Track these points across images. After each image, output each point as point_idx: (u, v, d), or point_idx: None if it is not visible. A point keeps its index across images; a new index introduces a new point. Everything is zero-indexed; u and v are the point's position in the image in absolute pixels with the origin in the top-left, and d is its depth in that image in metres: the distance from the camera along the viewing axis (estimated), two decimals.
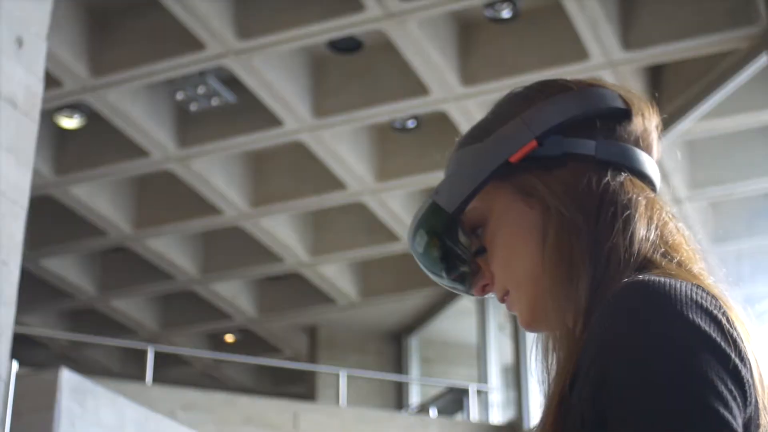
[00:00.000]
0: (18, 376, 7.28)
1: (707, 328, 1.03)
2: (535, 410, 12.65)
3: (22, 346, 14.94)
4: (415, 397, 15.60)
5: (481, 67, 9.85)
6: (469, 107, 10.28)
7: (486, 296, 1.31)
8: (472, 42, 9.85)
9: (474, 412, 13.58)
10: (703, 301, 1.06)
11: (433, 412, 13.98)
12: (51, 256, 13.62)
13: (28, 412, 7.21)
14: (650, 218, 1.19)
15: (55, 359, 15.57)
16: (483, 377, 13.95)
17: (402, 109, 10.54)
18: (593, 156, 1.22)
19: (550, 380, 1.17)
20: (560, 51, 9.54)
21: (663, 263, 1.16)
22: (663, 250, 1.18)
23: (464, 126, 10.56)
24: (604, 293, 1.11)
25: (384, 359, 15.88)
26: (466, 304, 14.42)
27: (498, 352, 14.05)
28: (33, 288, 13.35)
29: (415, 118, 11.08)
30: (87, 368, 15.00)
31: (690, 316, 1.04)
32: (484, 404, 13.82)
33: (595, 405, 1.04)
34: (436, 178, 11.44)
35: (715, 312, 1.06)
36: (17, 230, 4.53)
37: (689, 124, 9.84)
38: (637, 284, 1.08)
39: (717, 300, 1.08)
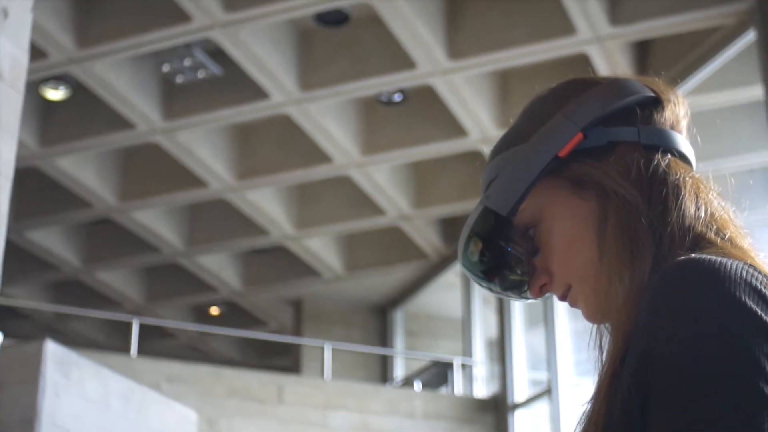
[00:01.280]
0: (3, 348, 7.27)
1: (755, 307, 1.05)
2: (519, 384, 12.69)
3: (6, 318, 14.95)
4: (399, 371, 15.64)
5: (468, 41, 9.82)
6: (455, 81, 10.26)
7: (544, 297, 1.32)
8: (459, 16, 9.82)
9: (458, 385, 13.62)
10: (753, 280, 1.08)
11: (417, 385, 14.02)
12: (36, 228, 13.59)
13: (12, 384, 7.21)
14: (698, 197, 1.23)
15: (40, 331, 15.55)
16: (467, 351, 13.99)
17: (388, 83, 10.51)
18: (637, 141, 1.27)
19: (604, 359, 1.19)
20: (547, 25, 9.52)
21: (717, 241, 1.18)
22: (715, 227, 1.21)
23: (450, 100, 10.54)
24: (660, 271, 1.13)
25: (369, 332, 15.90)
26: (450, 278, 14.43)
27: (483, 326, 14.08)
28: (18, 260, 13.31)
29: (402, 91, 11.06)
30: (72, 340, 15.01)
31: (738, 294, 1.05)
32: (469, 378, 13.86)
33: (639, 379, 1.06)
34: (422, 151, 11.44)
35: (764, 290, 1.07)
36: (2, 202, 4.52)
37: None
38: (688, 263, 1.10)
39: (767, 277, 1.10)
